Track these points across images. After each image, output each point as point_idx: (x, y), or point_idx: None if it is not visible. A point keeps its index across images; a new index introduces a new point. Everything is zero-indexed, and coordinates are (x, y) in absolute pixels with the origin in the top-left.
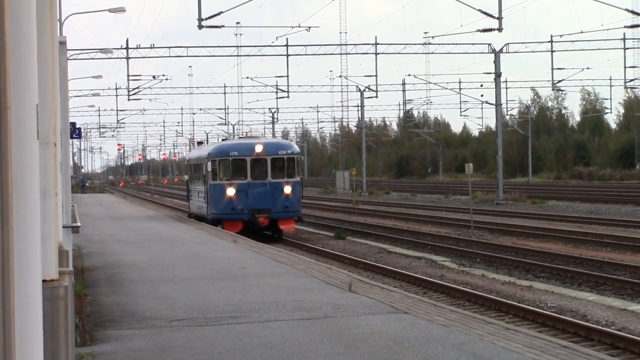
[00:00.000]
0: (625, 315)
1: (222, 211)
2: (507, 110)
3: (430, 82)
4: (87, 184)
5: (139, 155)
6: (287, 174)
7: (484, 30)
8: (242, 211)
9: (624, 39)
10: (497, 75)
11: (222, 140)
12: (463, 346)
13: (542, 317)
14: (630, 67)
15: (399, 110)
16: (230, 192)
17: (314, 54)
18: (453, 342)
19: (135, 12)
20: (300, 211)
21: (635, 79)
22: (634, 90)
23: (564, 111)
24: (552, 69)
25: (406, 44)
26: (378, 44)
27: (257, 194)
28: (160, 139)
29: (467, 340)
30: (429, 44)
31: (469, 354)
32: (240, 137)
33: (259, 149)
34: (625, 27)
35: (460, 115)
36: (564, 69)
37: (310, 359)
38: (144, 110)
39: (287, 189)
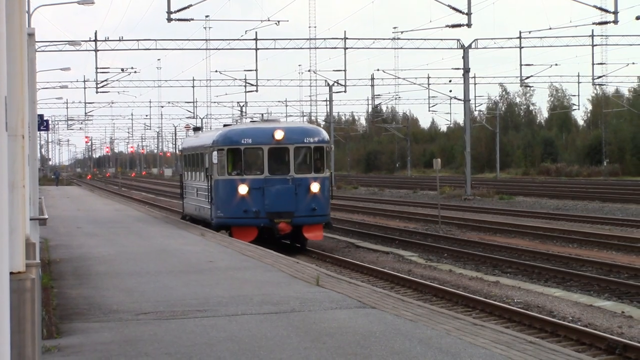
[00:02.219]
0: (591, 312)
1: (232, 214)
2: (475, 106)
3: (399, 77)
4: (57, 177)
5: (107, 148)
6: (315, 167)
7: (453, 26)
8: (257, 214)
9: (592, 36)
10: (466, 70)
11: (224, 125)
12: (430, 341)
13: (509, 312)
14: (598, 63)
15: (368, 105)
16: (242, 190)
17: (283, 48)
18: (420, 337)
19: (104, 5)
20: (329, 215)
21: (603, 75)
22: (601, 87)
23: (532, 107)
24: (521, 65)
25: (375, 39)
26: (347, 38)
27: (276, 192)
28: (128, 132)
29: (434, 335)
30: (398, 39)
31: (435, 349)
32: (253, 121)
33: (279, 135)
34: (593, 23)
35: (429, 111)
36: (532, 65)
37: (277, 353)
38: (112, 103)
39: (315, 187)
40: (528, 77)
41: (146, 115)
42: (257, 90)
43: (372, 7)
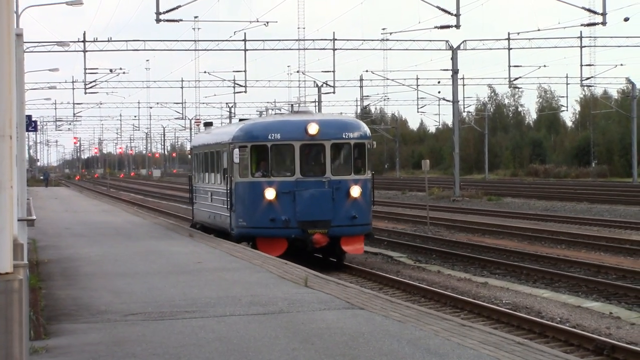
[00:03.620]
0: (579, 312)
1: (256, 223)
2: (464, 107)
3: (387, 79)
4: (46, 178)
5: (96, 148)
6: (355, 168)
7: (442, 27)
8: (286, 224)
9: (581, 37)
10: (455, 72)
11: (240, 120)
12: (418, 342)
13: (497, 313)
14: (587, 65)
15: (356, 106)
16: (269, 194)
17: (272, 49)
18: (408, 337)
19: (93, 6)
20: (371, 224)
21: (591, 77)
22: (590, 88)
23: (520, 108)
24: (509, 66)
25: (364, 40)
26: (336, 39)
27: (310, 197)
28: (117, 133)
29: (422, 336)
30: (387, 40)
31: (423, 350)
32: (277, 113)
33: (312, 129)
34: (582, 25)
35: (418, 112)
36: (520, 66)
37: (266, 354)
38: (101, 103)
39: (355, 191)
40: (516, 79)
41: (135, 116)
42: (245, 91)
43: (361, 8)
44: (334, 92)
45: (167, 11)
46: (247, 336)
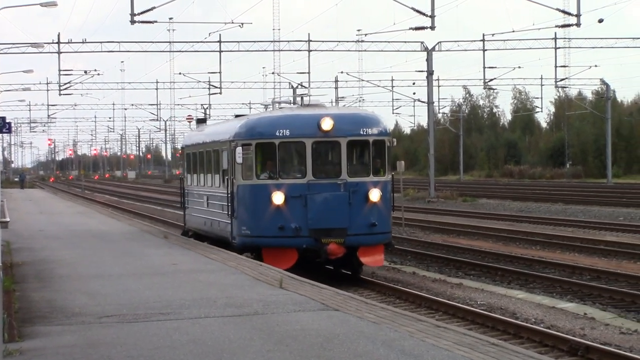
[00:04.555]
0: (554, 313)
1: (262, 232)
2: (439, 109)
3: (362, 80)
4: (22, 180)
5: (70, 150)
6: (374, 168)
7: (417, 29)
8: (297, 232)
9: (555, 39)
10: (430, 73)
11: (236, 116)
12: (393, 343)
13: (472, 314)
14: (561, 66)
15: None
16: (278, 199)
17: (247, 50)
18: (383, 339)
19: (67, 7)
20: (391, 232)
21: (566, 78)
22: (564, 89)
23: (495, 110)
24: (484, 67)
25: (339, 41)
26: (311, 41)
27: (323, 202)
28: (92, 135)
29: (397, 337)
30: (362, 41)
31: (398, 351)
32: (281, 107)
33: (327, 124)
34: (556, 26)
35: (393, 113)
36: (495, 67)
37: (240, 356)
38: (75, 105)
39: (375, 194)
40: (491, 80)
41: (109, 118)
42: (220, 93)
43: (336, 9)
44: (309, 94)
45: (142, 12)
46: (221, 338)
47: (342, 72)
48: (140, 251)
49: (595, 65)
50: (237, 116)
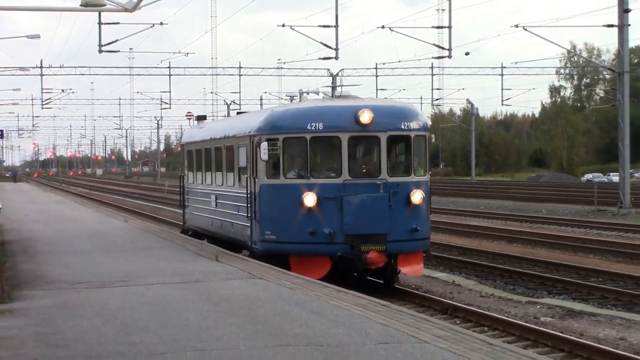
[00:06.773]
0: (429, 281)
1: (290, 237)
2: None
3: (282, 98)
4: (14, 176)
5: (50, 152)
6: (415, 167)
7: (324, 59)
8: (331, 238)
9: (432, 67)
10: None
11: (238, 113)
12: (304, 304)
13: (371, 282)
14: (436, 89)
15: None
16: (309, 200)
17: (191, 75)
18: (297, 301)
19: (48, 37)
20: (429, 238)
21: (440, 98)
22: (439, 107)
23: None
24: (377, 89)
25: (263, 68)
26: (241, 67)
27: (361, 205)
28: (68, 140)
29: (308, 300)
30: (282, 68)
31: (308, 311)
32: (301, 99)
33: (365, 117)
34: (433, 57)
35: None
36: (386, 89)
37: (185, 314)
38: (55, 117)
39: (417, 196)
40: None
41: (82, 127)
42: (170, 108)
43: (261, 43)
44: (240, 109)
45: (108, 44)
46: (170, 300)
47: (265, 92)
48: (105, 232)
49: (463, 89)
50: (239, 113)
